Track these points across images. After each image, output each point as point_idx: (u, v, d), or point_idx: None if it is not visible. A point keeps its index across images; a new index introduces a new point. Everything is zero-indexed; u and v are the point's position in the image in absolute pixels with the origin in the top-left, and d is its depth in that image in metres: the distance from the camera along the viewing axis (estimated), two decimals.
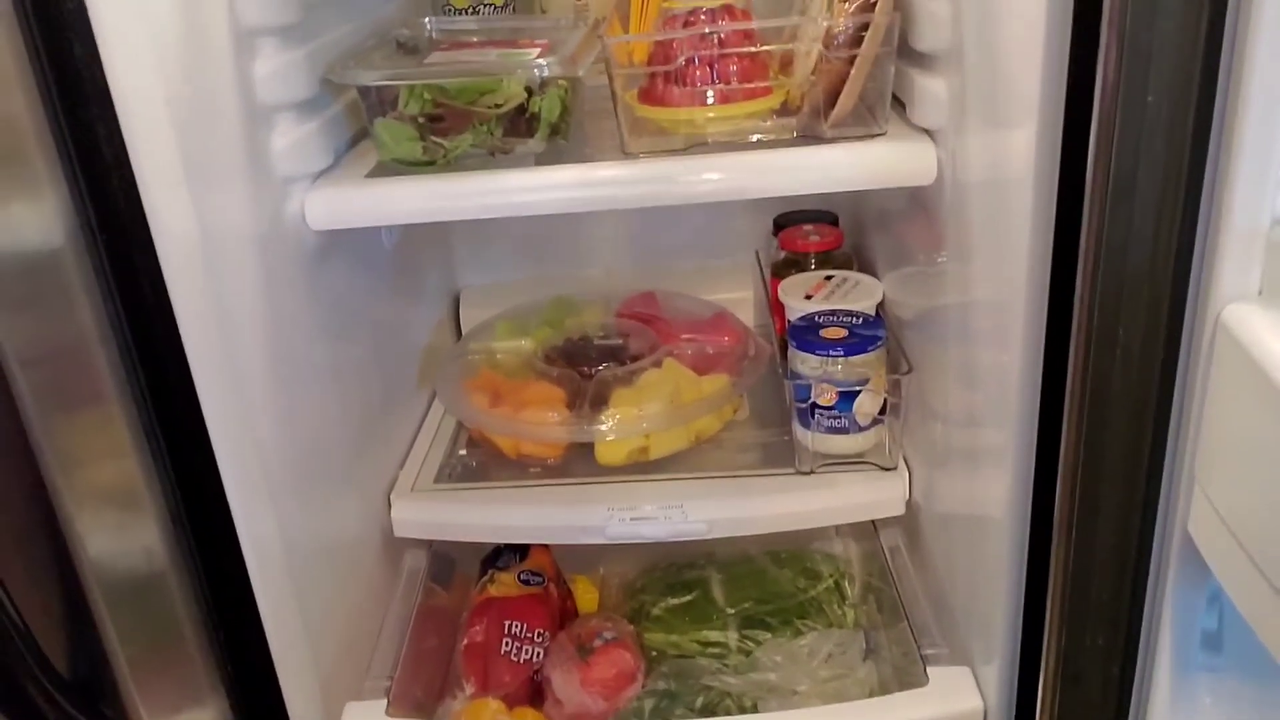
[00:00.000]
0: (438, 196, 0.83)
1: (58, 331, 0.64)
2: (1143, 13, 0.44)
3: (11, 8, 0.59)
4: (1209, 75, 0.44)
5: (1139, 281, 0.50)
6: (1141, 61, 0.45)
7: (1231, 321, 0.46)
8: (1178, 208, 0.47)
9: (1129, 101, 0.45)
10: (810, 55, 0.84)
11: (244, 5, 0.76)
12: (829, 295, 1.05)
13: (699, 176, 0.84)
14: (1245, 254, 0.46)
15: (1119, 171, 0.47)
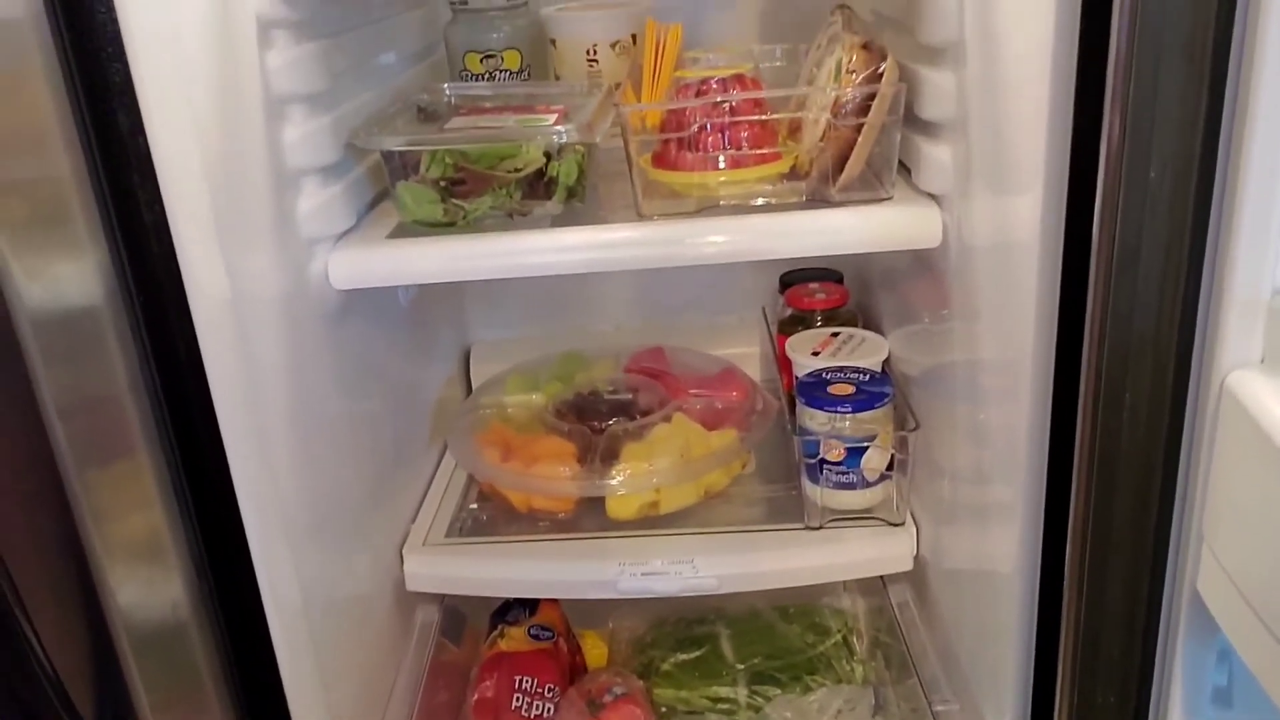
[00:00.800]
0: (458, 258, 0.86)
1: (94, 385, 0.66)
2: (1145, 89, 0.47)
3: (62, 80, 0.62)
4: (1209, 151, 0.47)
5: (1144, 347, 0.52)
6: (1144, 137, 0.47)
7: (1236, 388, 0.48)
8: (1181, 277, 0.49)
9: (1132, 175, 0.48)
10: (819, 123, 0.87)
11: (276, 75, 0.79)
12: (836, 352, 1.08)
13: (710, 239, 0.86)
14: (1247, 323, 0.48)
15: (1123, 242, 0.50)
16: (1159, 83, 0.46)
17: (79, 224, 0.64)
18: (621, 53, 1.13)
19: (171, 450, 0.70)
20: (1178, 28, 0.45)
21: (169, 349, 0.69)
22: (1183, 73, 0.46)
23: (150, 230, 0.66)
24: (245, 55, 0.76)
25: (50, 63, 0.61)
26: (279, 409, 0.78)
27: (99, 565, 0.64)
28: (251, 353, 0.74)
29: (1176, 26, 0.45)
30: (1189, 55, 0.45)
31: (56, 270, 0.63)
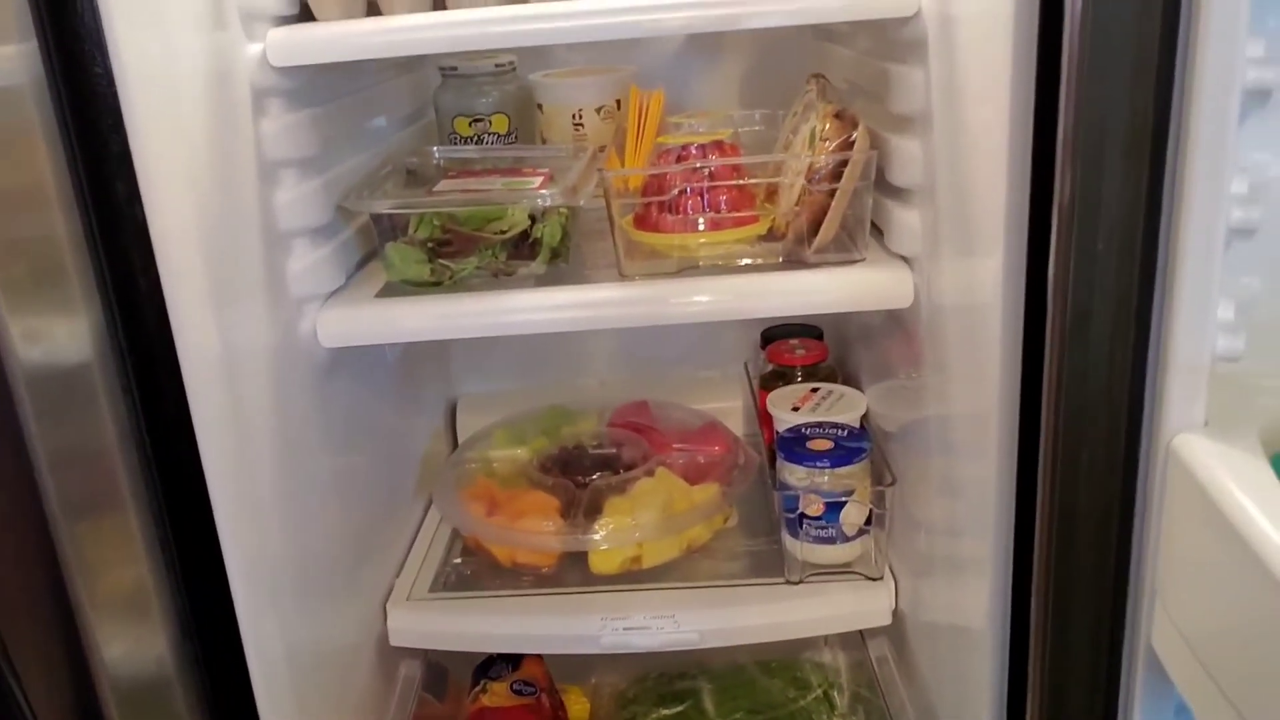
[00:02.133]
0: (444, 317, 0.88)
1: (84, 439, 0.67)
2: (1091, 172, 0.50)
3: (61, 146, 0.64)
4: (1151, 227, 0.50)
5: (1097, 410, 0.54)
6: (1091, 214, 0.50)
7: (1181, 450, 0.51)
8: (1128, 344, 0.52)
9: (1081, 246, 0.51)
10: (794, 188, 0.91)
11: (270, 142, 0.82)
12: (815, 407, 1.10)
13: (691, 299, 0.89)
14: (1190, 388, 0.51)
15: (1075, 310, 0.52)
16: (1104, 166, 0.50)
17: (73, 283, 0.66)
18: (606, 117, 1.16)
19: (159, 505, 0.72)
20: (1119, 118, 0.48)
21: (159, 406, 0.71)
22: (1124, 158, 0.49)
23: (144, 292, 0.68)
24: (240, 123, 0.79)
25: (50, 128, 0.64)
26: (266, 465, 0.80)
27: (85, 618, 0.65)
28: (240, 410, 0.76)
29: (1117, 117, 0.48)
30: (1130, 143, 0.48)
31: (50, 328, 0.65)
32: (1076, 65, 0.48)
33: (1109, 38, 0.48)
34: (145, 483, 0.71)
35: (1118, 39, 0.47)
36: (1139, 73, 0.48)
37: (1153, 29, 0.47)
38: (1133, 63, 0.47)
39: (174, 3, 0.71)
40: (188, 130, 0.71)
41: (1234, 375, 0.50)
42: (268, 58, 0.81)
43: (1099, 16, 0.48)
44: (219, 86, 0.76)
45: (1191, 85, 0.46)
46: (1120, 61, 0.47)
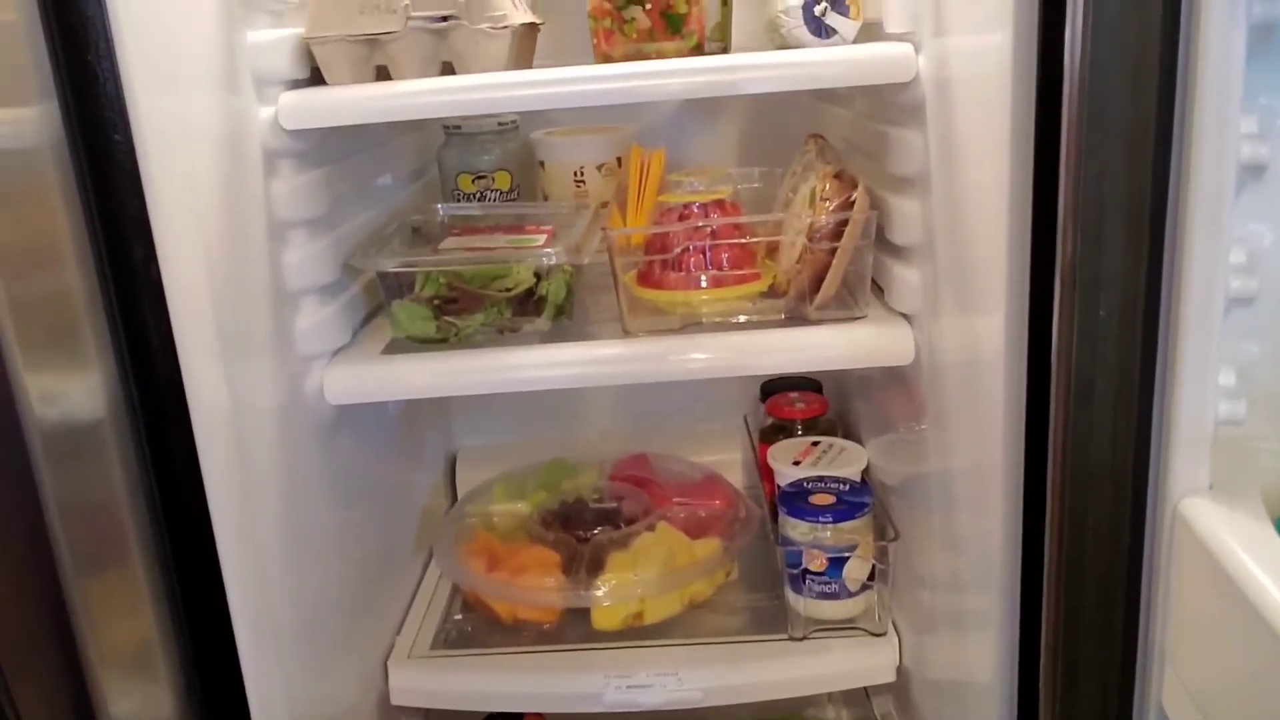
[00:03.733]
0: (450, 374, 0.89)
1: (94, 491, 0.68)
2: (1092, 243, 0.51)
3: (80, 210, 0.66)
4: (1152, 295, 0.51)
5: (1103, 473, 0.55)
6: (1092, 283, 0.51)
7: (1187, 514, 0.51)
8: (1132, 409, 0.53)
9: (1084, 317, 0.52)
10: (795, 246, 0.92)
11: (280, 202, 0.83)
12: (816, 461, 1.10)
13: (694, 355, 0.90)
14: (1194, 453, 0.51)
15: (1079, 375, 0.53)
16: (1104, 237, 0.51)
17: (87, 340, 0.67)
18: (608, 174, 1.18)
19: (167, 559, 0.72)
20: (1117, 191, 0.50)
21: (169, 462, 0.71)
22: (1124, 229, 0.50)
23: (157, 350, 0.69)
24: (252, 184, 0.80)
25: (68, 188, 0.65)
26: (272, 521, 0.80)
27: (92, 671, 0.65)
28: (248, 466, 0.76)
29: (1116, 190, 0.50)
30: (1129, 215, 0.50)
31: (64, 382, 0.65)
32: (1075, 138, 0.50)
33: (1105, 114, 0.49)
34: (153, 537, 0.72)
35: (1114, 114, 0.49)
36: (1136, 146, 0.49)
37: (1149, 104, 0.49)
38: (1130, 137, 0.49)
39: (190, 68, 0.72)
40: (202, 193, 0.72)
41: (1236, 438, 0.51)
42: (280, 121, 0.82)
43: (1095, 90, 0.49)
44: (232, 149, 0.77)
45: (1188, 161, 0.48)
46: (1117, 136, 0.49)
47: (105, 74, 0.64)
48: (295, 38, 0.85)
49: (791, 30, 0.85)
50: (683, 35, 0.88)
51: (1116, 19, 0.49)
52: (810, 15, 0.84)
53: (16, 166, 0.61)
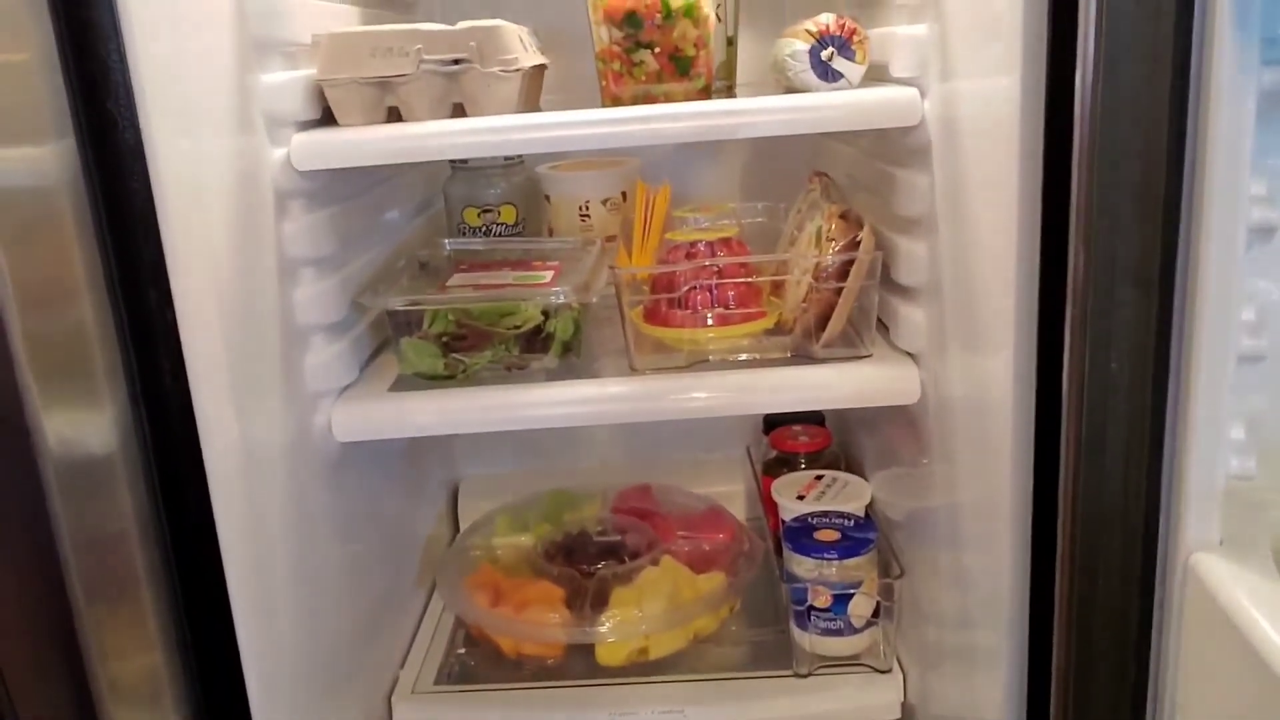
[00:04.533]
0: (457, 411, 0.89)
1: (105, 526, 0.68)
2: (1102, 299, 0.52)
3: (95, 247, 0.66)
4: (1163, 349, 0.52)
5: (1114, 522, 0.55)
6: (1104, 338, 0.52)
7: (1199, 570, 0.52)
8: (1143, 461, 0.54)
9: (1095, 370, 0.53)
10: (801, 285, 0.93)
11: (290, 242, 0.84)
12: (820, 495, 1.11)
13: (700, 394, 0.90)
14: (1205, 507, 0.52)
15: (1090, 430, 0.54)
16: (1114, 294, 0.52)
17: (101, 376, 0.68)
18: (613, 209, 1.19)
19: (176, 592, 0.72)
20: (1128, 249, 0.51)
21: (179, 495, 0.72)
22: (1135, 286, 0.51)
23: (170, 388, 0.70)
24: (263, 225, 0.81)
25: (84, 226, 0.65)
26: (280, 555, 0.80)
27: (101, 701, 0.65)
28: (257, 501, 0.76)
29: (1127, 248, 0.51)
30: (1140, 273, 0.51)
31: (78, 417, 0.66)
32: (1085, 194, 0.51)
33: (1116, 171, 0.50)
34: (164, 570, 0.72)
35: (1125, 172, 0.50)
36: (1147, 204, 0.50)
37: (1159, 161, 0.49)
38: (1141, 195, 0.50)
39: (206, 111, 0.73)
40: (216, 233, 0.73)
41: (1246, 491, 0.52)
42: (292, 162, 0.83)
43: (1105, 147, 0.50)
44: (245, 190, 0.78)
45: (1198, 223, 0.48)
46: (1128, 194, 0.50)
47: (125, 120, 0.65)
48: (307, 79, 0.85)
49: (798, 74, 0.86)
50: (690, 77, 0.89)
51: (1127, 79, 0.50)
52: (817, 60, 0.85)
53: (33, 204, 0.62)
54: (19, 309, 0.59)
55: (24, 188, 0.61)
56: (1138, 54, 0.48)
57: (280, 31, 0.83)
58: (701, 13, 0.88)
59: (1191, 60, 0.48)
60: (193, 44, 0.71)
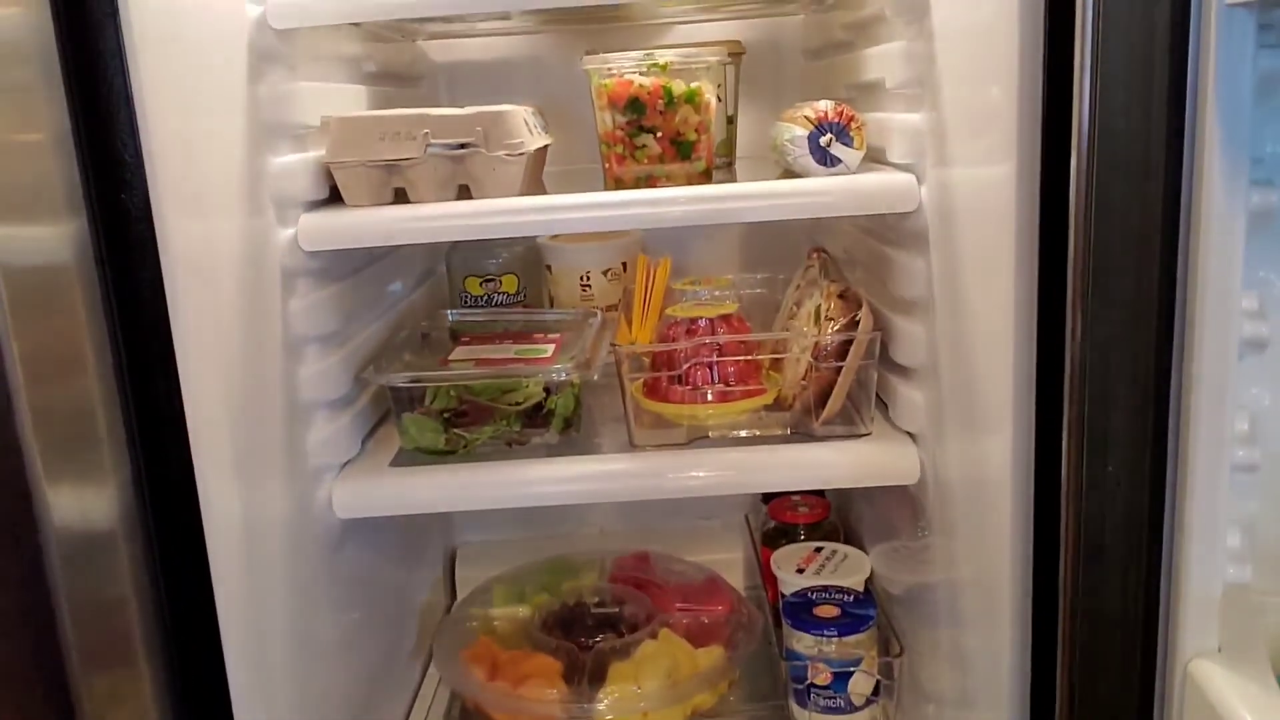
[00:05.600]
0: (458, 488, 0.90)
1: (106, 594, 0.68)
2: (1098, 406, 0.53)
3: (107, 336, 0.67)
4: (1159, 456, 0.53)
5: (1113, 625, 0.56)
6: (1100, 444, 0.53)
7: (1198, 676, 0.52)
8: (1142, 566, 0.54)
9: (1091, 476, 0.53)
10: (800, 362, 0.94)
11: (296, 319, 0.85)
12: (820, 569, 1.10)
13: (700, 472, 0.91)
14: (1203, 614, 0.52)
15: (1088, 539, 0.54)
16: (1110, 400, 0.53)
17: (105, 451, 0.68)
18: (613, 279, 1.20)
19: (173, 663, 0.72)
20: (1123, 355, 0.52)
21: (179, 569, 0.72)
22: (1129, 392, 0.52)
23: (172, 465, 0.70)
24: (270, 304, 0.82)
25: (94, 306, 0.66)
26: (278, 629, 0.80)
27: None
28: (255, 576, 0.77)
29: (1122, 355, 0.52)
30: (1135, 381, 0.52)
31: (81, 490, 0.66)
32: (1080, 304, 0.52)
33: (1109, 284, 0.51)
34: (161, 642, 0.72)
35: (1119, 286, 0.51)
36: (1141, 313, 0.51)
37: (1151, 270, 0.51)
38: (1135, 308, 0.51)
39: (216, 194, 0.74)
40: (223, 313, 0.74)
41: (1243, 597, 0.52)
42: (299, 242, 0.84)
43: (1100, 259, 0.51)
44: (252, 270, 0.79)
45: (1192, 336, 0.50)
46: (1123, 305, 0.51)
47: (135, 201, 0.66)
48: (316, 161, 0.87)
49: (797, 159, 0.88)
50: (691, 160, 0.91)
51: (1120, 189, 0.51)
52: (815, 145, 0.87)
53: (44, 281, 0.63)
54: (25, 382, 0.60)
55: (35, 265, 0.62)
56: (1129, 168, 0.50)
57: (290, 115, 0.85)
58: (703, 99, 0.90)
59: (1183, 174, 0.49)
60: (205, 127, 0.73)
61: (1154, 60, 0.48)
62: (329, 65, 0.96)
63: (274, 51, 0.83)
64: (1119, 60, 0.49)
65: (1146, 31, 0.48)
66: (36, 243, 0.62)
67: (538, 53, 1.29)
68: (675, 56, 0.90)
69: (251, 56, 0.80)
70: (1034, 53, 0.59)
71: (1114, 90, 0.49)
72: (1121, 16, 0.48)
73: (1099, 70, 0.49)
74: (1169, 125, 0.48)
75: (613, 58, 0.91)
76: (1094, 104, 0.49)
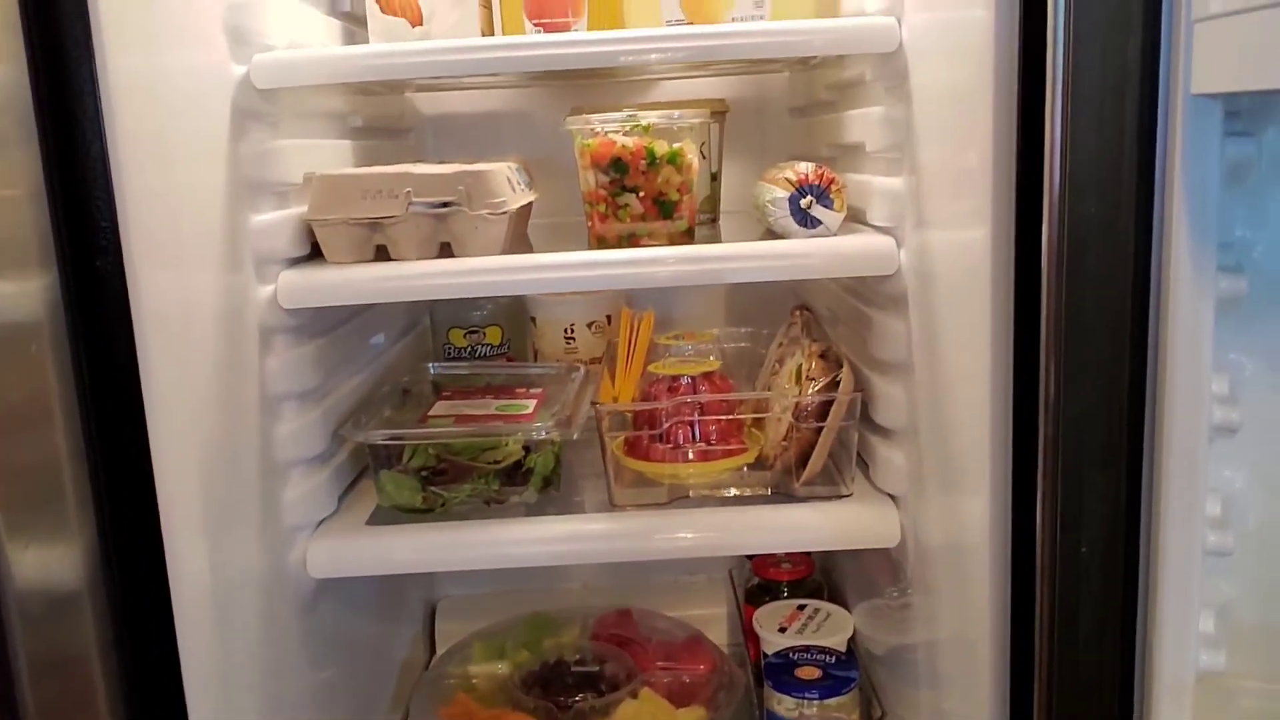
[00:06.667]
0: (435, 549, 0.88)
1: (67, 653, 0.67)
2: (1071, 484, 0.52)
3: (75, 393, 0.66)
4: (1132, 537, 0.52)
5: (1089, 705, 0.55)
6: (1074, 523, 0.53)
7: None
8: (1116, 649, 0.53)
9: (1066, 553, 0.53)
10: (781, 423, 0.93)
11: (273, 377, 0.84)
12: (802, 628, 1.09)
13: (680, 535, 0.90)
14: (1177, 699, 0.52)
15: (1062, 609, 0.54)
16: (1083, 478, 0.52)
17: (71, 509, 0.67)
18: (598, 332, 1.20)
19: None
20: (1096, 432, 0.52)
21: (143, 629, 0.70)
22: (1102, 471, 0.52)
23: (140, 523, 0.69)
24: (247, 361, 0.81)
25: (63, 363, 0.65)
26: (247, 685, 0.79)
27: None
28: (224, 633, 0.75)
29: (1095, 431, 0.52)
30: (1107, 459, 0.51)
31: (45, 548, 0.65)
32: (1055, 379, 0.52)
33: (1084, 360, 0.51)
34: (124, 700, 0.70)
35: (1092, 363, 0.51)
36: (1112, 395, 0.51)
37: (1123, 355, 0.51)
38: (1106, 387, 0.51)
39: (194, 250, 0.74)
40: (196, 369, 0.73)
41: (1217, 682, 0.52)
42: (278, 300, 0.84)
43: (1072, 341, 0.51)
44: (229, 327, 0.78)
45: (1162, 421, 0.49)
46: (1094, 385, 0.51)
47: (107, 255, 0.66)
48: (297, 218, 0.87)
49: (778, 220, 0.89)
50: (674, 219, 0.91)
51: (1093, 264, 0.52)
52: (796, 207, 0.88)
53: (11, 336, 0.62)
54: None
55: (4, 320, 0.61)
56: (1099, 249, 0.50)
57: (273, 173, 0.85)
58: (685, 160, 0.90)
59: (1152, 256, 0.50)
60: (184, 185, 0.73)
61: (1123, 146, 0.48)
62: (314, 121, 0.97)
63: (257, 110, 0.83)
64: (1088, 147, 0.49)
65: (1115, 119, 0.48)
66: (6, 297, 0.62)
67: (525, 106, 1.30)
68: (658, 118, 0.91)
69: (234, 115, 0.80)
70: (1008, 121, 0.60)
71: (1083, 175, 0.50)
72: (1090, 105, 0.49)
73: (1067, 159, 0.49)
74: (1138, 208, 0.49)
75: (596, 118, 0.91)
76: (1063, 188, 0.50)
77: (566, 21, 0.93)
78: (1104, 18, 0.48)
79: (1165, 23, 0.47)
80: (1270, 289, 0.49)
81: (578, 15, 0.93)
